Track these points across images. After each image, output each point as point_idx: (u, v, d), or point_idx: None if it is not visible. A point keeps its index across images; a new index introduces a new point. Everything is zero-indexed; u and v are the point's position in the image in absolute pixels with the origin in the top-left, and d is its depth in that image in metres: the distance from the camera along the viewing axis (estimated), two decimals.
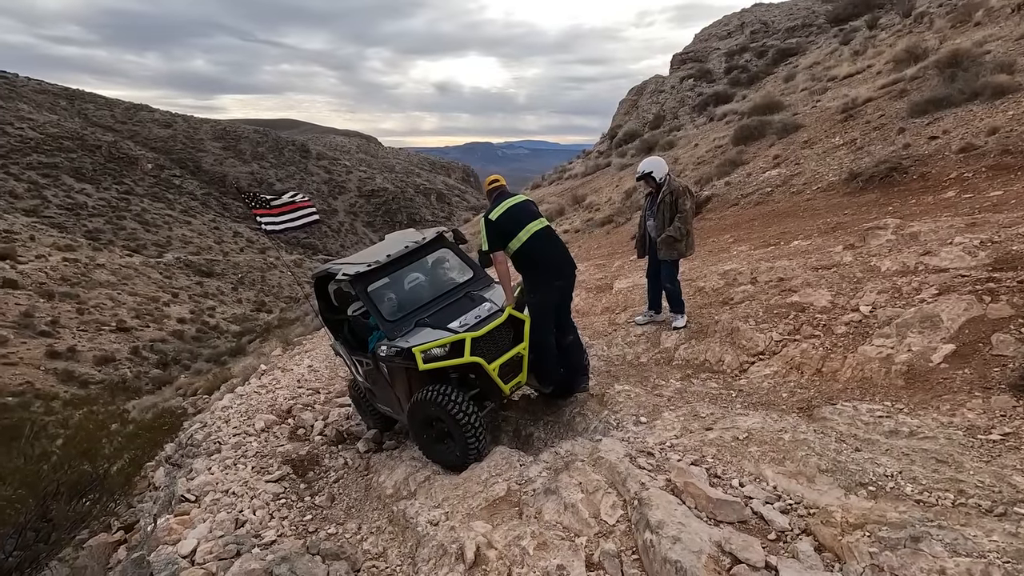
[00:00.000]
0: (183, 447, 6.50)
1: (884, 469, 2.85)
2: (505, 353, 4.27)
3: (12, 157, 65.76)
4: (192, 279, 54.74)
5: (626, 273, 9.03)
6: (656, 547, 2.54)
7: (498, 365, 4.19)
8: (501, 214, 4.31)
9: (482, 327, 4.22)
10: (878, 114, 11.05)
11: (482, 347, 4.17)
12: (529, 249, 4.28)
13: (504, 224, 4.29)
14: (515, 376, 4.37)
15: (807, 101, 15.69)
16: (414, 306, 4.76)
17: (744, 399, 4.32)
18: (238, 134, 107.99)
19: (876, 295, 4.76)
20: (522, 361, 4.38)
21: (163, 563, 3.66)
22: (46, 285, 37.71)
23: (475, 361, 4.07)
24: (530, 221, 4.34)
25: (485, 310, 4.46)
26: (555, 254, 4.39)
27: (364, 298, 4.68)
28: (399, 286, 5.03)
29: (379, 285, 4.88)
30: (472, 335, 4.12)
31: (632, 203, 15.63)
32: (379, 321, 4.58)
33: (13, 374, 25.67)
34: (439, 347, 4.08)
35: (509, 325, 4.38)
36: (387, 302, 4.82)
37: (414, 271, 5.13)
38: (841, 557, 2.34)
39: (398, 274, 5.02)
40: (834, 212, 8.32)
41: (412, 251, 4.98)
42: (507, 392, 4.34)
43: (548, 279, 4.35)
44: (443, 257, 5.32)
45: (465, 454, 4.13)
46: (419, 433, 4.42)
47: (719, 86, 26.97)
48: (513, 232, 4.28)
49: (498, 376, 4.19)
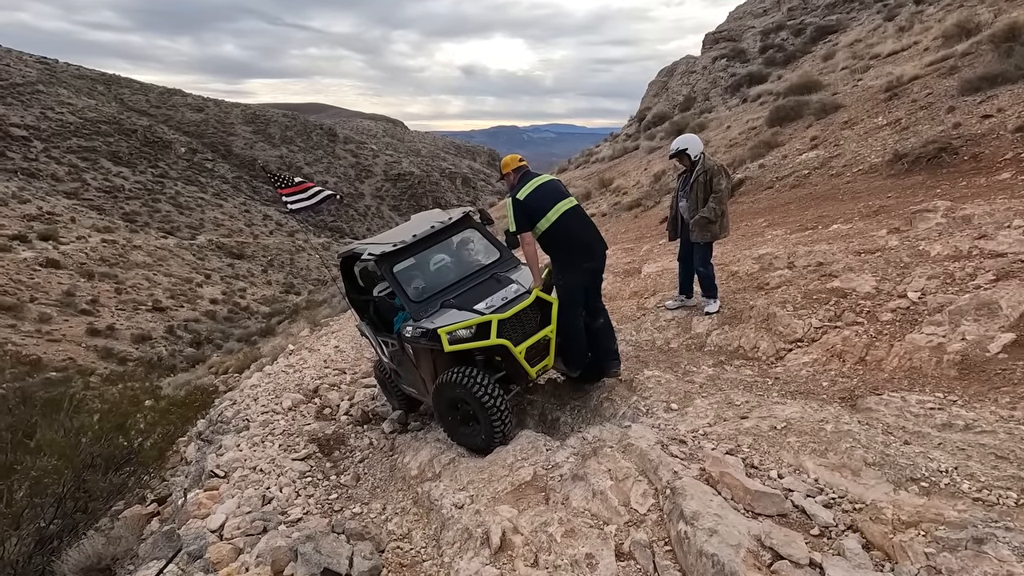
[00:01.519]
0: (213, 424, 6.61)
1: (938, 464, 2.67)
2: (532, 336, 4.18)
3: (53, 141, 67.81)
4: (224, 261, 55.96)
5: (655, 257, 8.81)
6: (691, 539, 2.43)
7: (524, 348, 4.12)
8: (529, 193, 4.14)
9: (508, 309, 4.13)
10: (925, 92, 10.47)
11: (508, 329, 4.10)
12: (558, 229, 4.11)
13: (532, 203, 4.11)
14: (542, 359, 4.28)
15: (847, 80, 15.00)
16: (440, 287, 4.69)
17: (781, 387, 4.14)
18: (267, 118, 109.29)
19: (926, 281, 4.50)
20: (549, 344, 4.28)
21: (192, 537, 3.70)
22: (86, 265, 38.97)
23: (501, 343, 4.00)
24: (560, 200, 4.17)
25: (512, 292, 4.36)
26: (586, 234, 4.23)
27: (390, 278, 4.63)
28: (425, 267, 4.97)
29: (405, 265, 4.83)
30: (498, 317, 4.04)
31: (661, 186, 15.26)
32: (404, 302, 4.54)
33: (57, 350, 26.70)
34: (465, 329, 4.01)
35: (536, 307, 4.28)
36: (413, 283, 4.76)
37: (440, 252, 5.07)
38: (892, 557, 2.19)
39: (424, 254, 4.96)
40: (876, 195, 7.93)
41: (438, 231, 4.91)
42: (533, 375, 4.25)
43: (578, 260, 4.20)
44: (469, 238, 5.26)
45: (490, 437, 4.08)
46: (444, 415, 4.38)
47: (753, 66, 26.02)
48: (542, 212, 4.10)
49: (524, 359, 4.12)
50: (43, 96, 75.38)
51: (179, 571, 3.49)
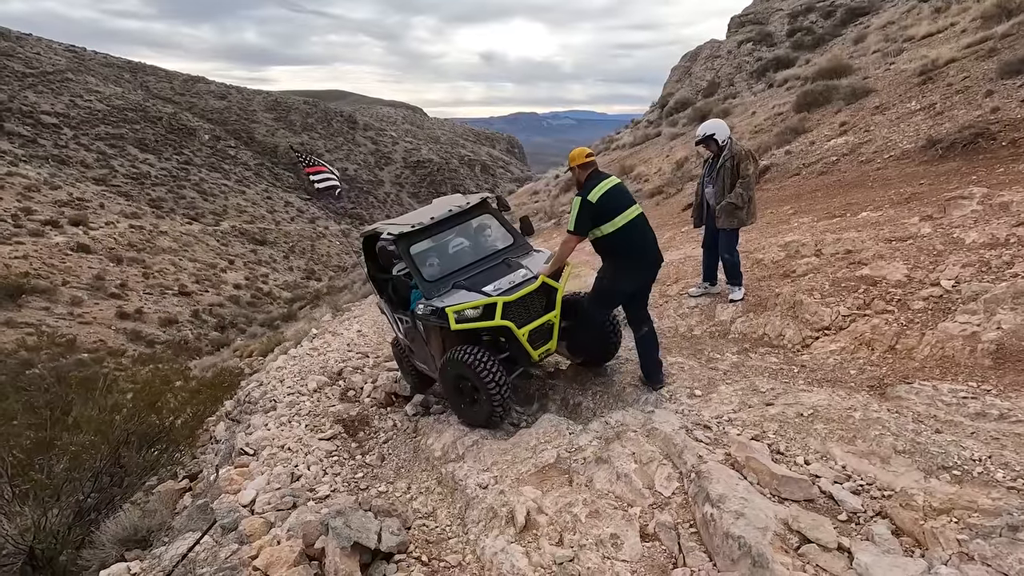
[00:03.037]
0: (241, 404, 6.78)
1: (971, 453, 2.63)
2: (536, 319, 4.29)
3: (82, 128, 69.30)
4: (247, 247, 56.88)
5: (677, 245, 8.73)
6: (717, 521, 2.44)
7: (528, 330, 4.23)
8: (602, 195, 3.93)
9: (515, 292, 4.26)
10: (962, 76, 10.12)
11: (513, 312, 4.22)
12: (623, 235, 3.98)
13: (605, 205, 3.93)
14: (544, 343, 4.37)
15: (879, 64, 14.56)
16: (453, 268, 4.85)
17: (807, 375, 4.10)
18: (289, 105, 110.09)
19: (960, 269, 4.39)
20: (552, 329, 4.37)
21: (225, 511, 3.82)
22: (115, 250, 39.96)
23: (505, 325, 4.12)
24: (629, 206, 4.04)
25: (520, 276, 4.48)
26: (650, 246, 4.11)
27: (406, 258, 4.79)
28: (441, 248, 5.16)
29: (422, 246, 5.01)
30: (504, 299, 4.16)
31: (683, 173, 15.05)
32: (418, 281, 4.68)
33: (88, 332, 27.53)
34: (472, 308, 4.17)
35: (542, 292, 4.39)
36: (428, 263, 4.93)
37: (456, 235, 5.24)
38: (923, 543, 2.18)
39: (441, 237, 5.14)
40: (908, 182, 7.72)
41: (455, 215, 5.07)
42: (536, 357, 4.35)
43: (635, 269, 4.10)
44: (485, 223, 5.39)
45: (490, 414, 4.27)
46: (449, 391, 4.58)
47: (780, 50, 25.38)
48: (611, 216, 3.95)
49: (527, 341, 4.24)
50: (72, 84, 76.92)
51: (214, 542, 3.62)
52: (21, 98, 67.17)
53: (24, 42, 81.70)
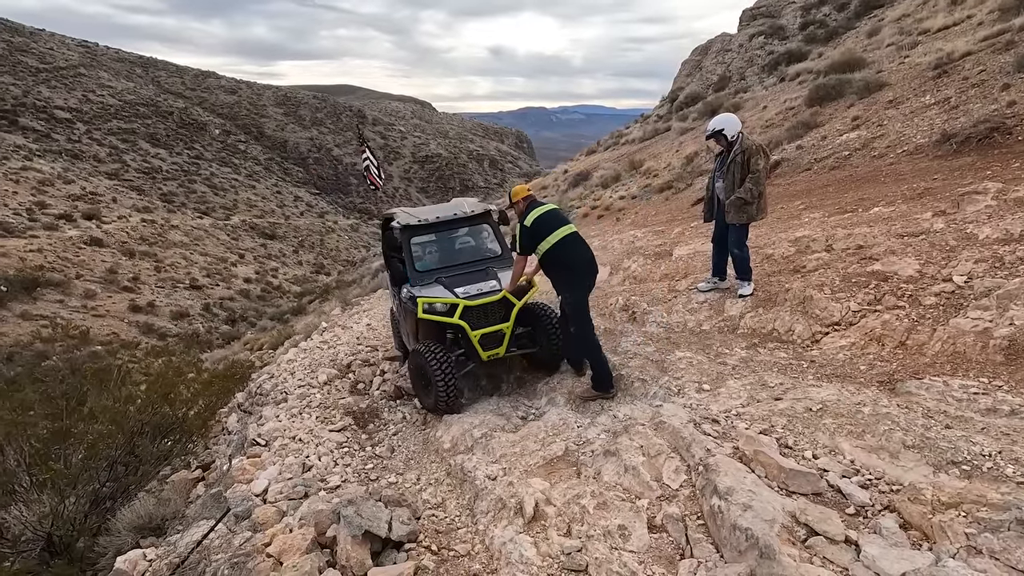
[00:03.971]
0: (253, 396, 6.86)
1: (980, 448, 2.63)
2: (490, 326, 4.86)
3: (95, 123, 69.98)
4: (256, 241, 57.30)
5: (686, 240, 8.70)
6: (725, 513, 2.46)
7: (480, 334, 4.81)
8: (535, 219, 4.61)
9: (477, 300, 4.83)
10: (978, 69, 9.98)
11: (472, 315, 4.81)
12: (559, 250, 4.57)
13: (539, 227, 4.59)
14: (494, 348, 4.93)
15: (893, 57, 14.37)
16: (442, 265, 5.50)
17: (816, 370, 4.09)
18: (298, 100, 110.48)
19: (972, 264, 4.36)
20: (504, 337, 4.93)
21: (239, 499, 3.89)
22: (127, 244, 40.42)
23: (460, 324, 4.76)
24: (562, 226, 4.63)
25: (489, 286, 5.02)
26: (583, 257, 4.65)
27: (405, 247, 5.42)
28: (438, 245, 5.80)
29: (422, 240, 5.66)
30: (466, 303, 4.77)
31: (693, 168, 14.97)
32: (409, 270, 5.35)
33: (101, 325, 27.90)
34: (441, 304, 4.83)
35: (502, 304, 4.95)
36: (422, 256, 5.60)
37: (454, 236, 5.87)
38: (931, 536, 2.18)
39: (443, 234, 5.78)
40: (922, 177, 7.64)
41: (457, 219, 5.68)
42: (484, 358, 4.91)
43: (577, 277, 4.64)
44: (482, 231, 5.94)
45: (436, 401, 4.84)
46: (413, 377, 5.26)
47: (792, 43, 25.10)
48: (545, 235, 4.57)
49: (478, 343, 4.82)
50: (85, 79, 77.63)
51: (227, 530, 3.68)
52: (35, 93, 67.93)
53: (38, 37, 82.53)
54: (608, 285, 8.12)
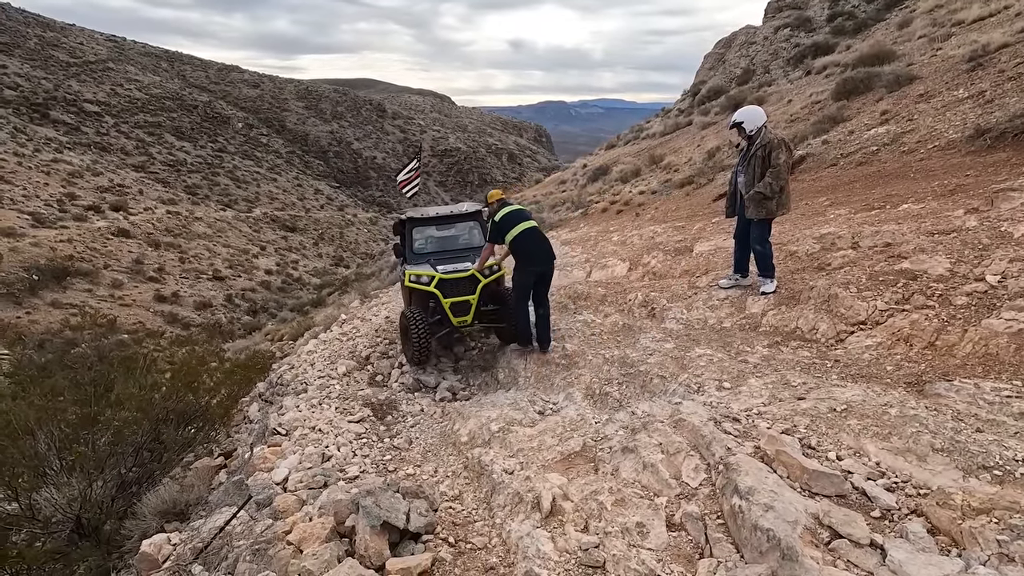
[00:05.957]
0: (274, 386, 6.96)
1: (1013, 453, 2.55)
2: (459, 296, 6.01)
3: (123, 116, 71.44)
4: (277, 233, 58.05)
5: (707, 236, 8.58)
6: (746, 513, 2.42)
7: (450, 302, 6.00)
8: (503, 216, 5.78)
9: (451, 274, 6.08)
10: (1015, 62, 9.63)
11: (447, 287, 6.04)
12: (519, 241, 5.67)
13: (505, 223, 5.74)
14: (463, 315, 6.07)
15: (925, 50, 13.95)
16: (434, 250, 6.96)
17: (841, 370, 4.01)
18: (319, 94, 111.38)
19: (1007, 264, 4.22)
20: (471, 308, 6.04)
21: (260, 487, 3.95)
22: (153, 235, 41.25)
23: (435, 292, 6.01)
24: (523, 221, 5.74)
25: (463, 267, 6.21)
26: (538, 248, 5.73)
27: (408, 235, 6.96)
28: (433, 235, 7.25)
29: (421, 231, 7.15)
30: (441, 276, 6.06)
31: (715, 163, 14.75)
32: (407, 252, 6.87)
33: (128, 314, 28.57)
34: (426, 276, 6.09)
35: (471, 281, 6.08)
36: (420, 242, 7.06)
37: (448, 229, 7.31)
38: (960, 542, 2.13)
39: (442, 227, 7.29)
40: (953, 173, 7.42)
41: (452, 216, 7.16)
42: (455, 323, 6.08)
43: (529, 265, 5.72)
44: (472, 226, 7.28)
45: (412, 354, 6.19)
46: (401, 333, 6.57)
47: (819, 36, 24.54)
48: (508, 229, 5.70)
49: (449, 309, 6.00)
50: (113, 73, 79.23)
51: (249, 517, 3.75)
52: (65, 87, 69.51)
53: (68, 32, 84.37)
54: (627, 281, 8.06)
